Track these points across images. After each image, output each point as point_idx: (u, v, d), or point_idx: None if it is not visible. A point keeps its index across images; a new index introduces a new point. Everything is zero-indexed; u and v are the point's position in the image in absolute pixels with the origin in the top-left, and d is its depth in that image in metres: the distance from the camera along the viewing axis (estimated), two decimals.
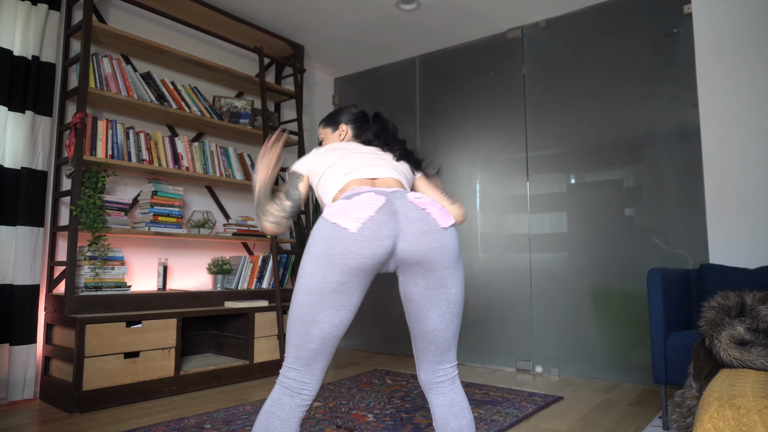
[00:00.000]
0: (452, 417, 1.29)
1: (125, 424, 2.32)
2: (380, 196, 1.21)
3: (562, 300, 3.47)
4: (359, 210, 1.17)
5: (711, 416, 1.13)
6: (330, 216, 1.19)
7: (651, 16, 3.27)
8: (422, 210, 1.21)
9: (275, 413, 1.19)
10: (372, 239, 1.16)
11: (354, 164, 1.40)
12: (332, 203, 1.24)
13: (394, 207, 1.20)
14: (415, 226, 1.20)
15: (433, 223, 1.21)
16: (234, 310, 3.23)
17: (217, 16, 3.54)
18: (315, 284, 1.18)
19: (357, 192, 1.25)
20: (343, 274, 1.17)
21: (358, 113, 1.65)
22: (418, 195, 1.26)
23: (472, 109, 4.02)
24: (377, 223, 1.17)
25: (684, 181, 3.10)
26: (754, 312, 1.75)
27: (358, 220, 1.16)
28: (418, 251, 1.20)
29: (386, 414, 2.42)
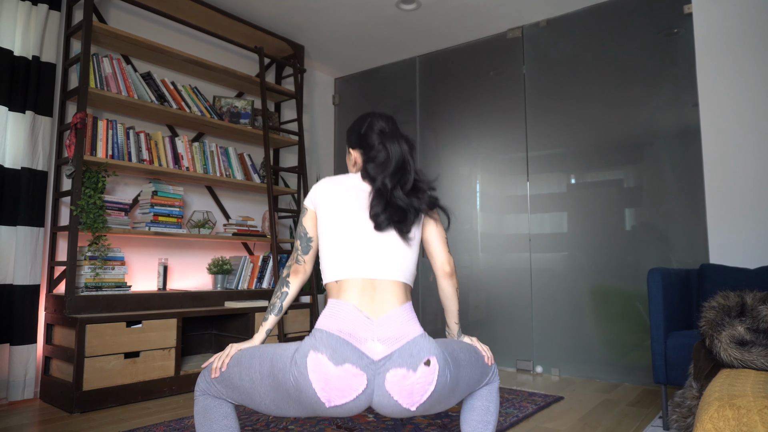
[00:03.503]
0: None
1: (125, 424, 2.32)
2: (362, 380, 1.17)
3: (562, 300, 3.47)
4: (339, 392, 1.16)
5: (711, 416, 1.13)
6: (312, 376, 1.16)
7: (651, 16, 3.27)
8: (394, 401, 1.20)
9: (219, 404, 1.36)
10: (341, 412, 1.20)
11: (353, 245, 1.33)
12: (319, 357, 1.17)
13: (371, 389, 1.19)
14: (386, 409, 1.23)
15: (402, 410, 1.22)
16: (234, 310, 3.23)
17: (217, 16, 3.54)
18: (279, 401, 1.25)
19: (343, 348, 1.18)
20: (305, 410, 1.24)
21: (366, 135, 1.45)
22: (398, 378, 1.18)
23: (472, 109, 4.02)
24: (350, 407, 1.19)
25: (684, 181, 3.10)
26: (755, 312, 1.75)
27: (334, 402, 1.17)
28: (391, 416, 1.26)
29: None
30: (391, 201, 1.34)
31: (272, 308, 1.41)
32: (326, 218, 1.38)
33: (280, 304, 1.41)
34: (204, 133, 3.69)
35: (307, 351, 1.18)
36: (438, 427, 2.20)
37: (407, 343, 1.22)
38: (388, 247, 1.34)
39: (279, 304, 1.41)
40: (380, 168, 1.37)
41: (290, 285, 1.43)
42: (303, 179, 3.93)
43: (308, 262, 1.45)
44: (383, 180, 1.35)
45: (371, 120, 1.47)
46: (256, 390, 1.26)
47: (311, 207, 1.44)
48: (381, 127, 1.45)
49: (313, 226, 1.44)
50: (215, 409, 1.34)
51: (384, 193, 1.35)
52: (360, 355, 1.18)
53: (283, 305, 1.41)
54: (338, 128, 4.90)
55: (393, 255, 1.34)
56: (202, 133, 3.70)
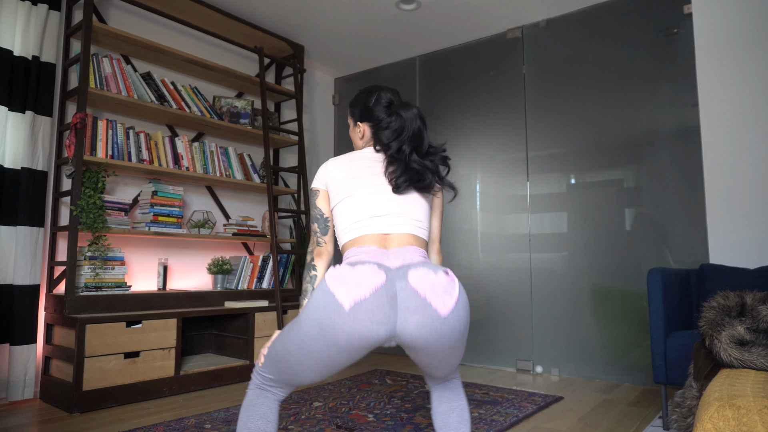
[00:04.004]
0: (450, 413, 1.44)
1: (125, 424, 2.32)
2: (380, 273, 1.14)
3: (562, 300, 3.47)
4: (357, 286, 1.12)
5: (711, 416, 1.13)
6: (330, 282, 1.16)
7: (651, 16, 3.27)
8: (422, 299, 1.14)
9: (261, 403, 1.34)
10: (364, 322, 1.11)
11: (369, 207, 1.37)
12: (336, 267, 1.19)
13: (393, 290, 1.14)
14: (414, 317, 1.13)
15: (433, 314, 1.14)
16: (234, 310, 3.23)
17: (217, 16, 3.54)
18: (305, 346, 1.21)
19: (361, 260, 1.20)
20: (331, 348, 1.16)
21: (376, 108, 1.50)
22: (421, 274, 1.17)
23: (472, 109, 4.02)
24: (372, 306, 1.11)
25: (684, 181, 3.10)
26: (754, 312, 1.75)
27: (353, 297, 1.11)
28: (417, 341, 1.16)
29: (386, 414, 2.42)
30: (409, 165, 1.39)
31: (305, 293, 1.41)
32: (339, 191, 1.42)
33: (312, 288, 1.41)
34: (204, 133, 3.69)
35: (326, 273, 1.20)
36: None
37: (423, 261, 1.26)
38: (404, 205, 1.39)
39: (311, 288, 1.41)
40: (395, 134, 1.41)
41: (317, 268, 1.43)
42: (303, 179, 3.93)
43: (329, 242, 1.46)
44: (399, 146, 1.40)
45: (379, 93, 1.51)
46: (292, 354, 1.23)
47: (322, 187, 1.46)
48: (389, 98, 1.50)
49: (327, 206, 1.46)
50: (257, 408, 1.34)
51: (402, 158, 1.39)
52: (378, 264, 1.19)
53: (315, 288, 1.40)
54: (338, 128, 4.90)
55: (409, 212, 1.39)
56: (202, 133, 3.70)
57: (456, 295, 1.17)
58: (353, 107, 1.57)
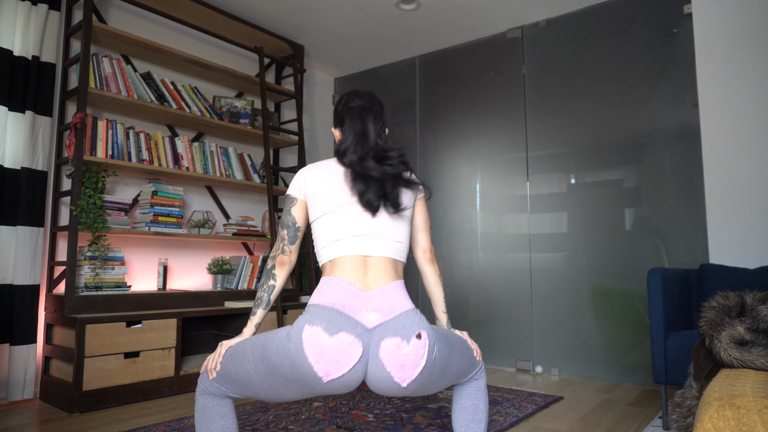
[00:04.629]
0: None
1: (125, 424, 2.32)
2: (358, 346, 1.18)
3: (562, 300, 3.47)
4: (336, 364, 1.17)
5: (711, 416, 1.13)
6: (308, 350, 1.16)
7: (651, 16, 3.27)
8: (387, 373, 1.20)
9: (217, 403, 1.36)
10: (338, 387, 1.21)
11: (348, 226, 1.34)
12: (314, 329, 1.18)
13: (366, 357, 1.20)
14: (378, 383, 1.22)
15: (395, 384, 1.21)
16: (234, 310, 3.23)
17: (217, 16, 3.54)
18: (276, 385, 1.25)
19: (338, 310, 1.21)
20: (306, 393, 1.25)
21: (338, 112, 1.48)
22: (392, 348, 1.19)
23: (472, 109, 4.02)
24: (347, 379, 1.19)
25: (684, 181, 3.10)
26: (754, 312, 1.75)
27: (330, 375, 1.17)
28: (384, 394, 1.26)
29: (386, 414, 2.42)
30: (367, 174, 1.35)
31: (260, 302, 1.38)
32: (318, 206, 1.39)
33: (268, 297, 1.39)
34: (204, 133, 3.69)
35: (302, 326, 1.19)
36: (438, 427, 2.20)
37: (400, 314, 1.24)
38: (379, 224, 1.36)
39: (266, 297, 1.38)
40: (354, 144, 1.39)
41: (277, 278, 1.40)
42: None
43: (294, 252, 1.43)
44: (351, 157, 1.37)
45: (346, 97, 1.49)
46: (253, 378, 1.27)
47: (300, 196, 1.43)
48: (354, 103, 1.46)
49: (302, 216, 1.43)
50: (213, 409, 1.34)
51: (357, 169, 1.36)
52: (354, 324, 1.20)
53: (270, 299, 1.39)
54: None
55: (384, 232, 1.36)
56: (202, 133, 3.70)
57: (422, 365, 1.21)
58: (334, 113, 1.54)
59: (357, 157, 1.37)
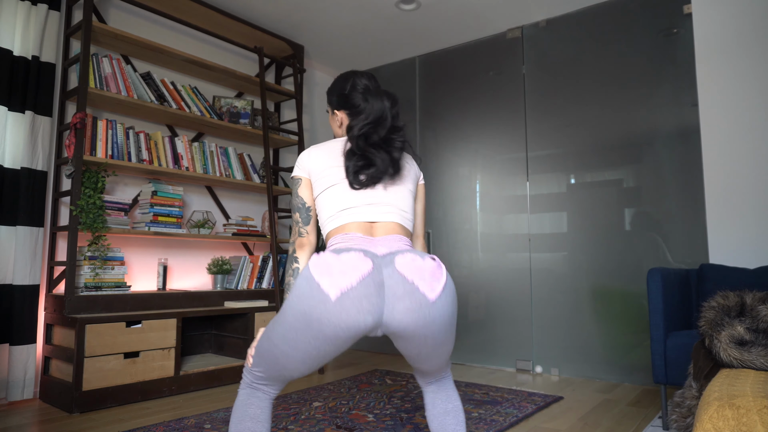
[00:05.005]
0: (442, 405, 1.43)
1: (125, 424, 2.32)
2: (367, 261, 1.13)
3: (562, 300, 3.47)
4: (343, 274, 1.10)
5: (711, 416, 1.13)
6: (315, 271, 1.13)
7: (651, 16, 3.27)
8: (410, 284, 1.12)
9: (252, 403, 1.32)
10: (351, 312, 1.09)
11: (354, 194, 1.35)
12: (320, 255, 1.17)
13: (380, 277, 1.12)
14: (401, 303, 1.12)
15: (421, 299, 1.12)
16: (234, 310, 3.23)
17: (217, 16, 3.54)
18: (291, 338, 1.18)
19: (347, 247, 1.19)
20: (317, 340, 1.14)
21: (347, 95, 1.46)
22: (408, 260, 1.16)
23: (472, 109, 4.02)
24: (359, 295, 1.09)
25: (684, 181, 3.10)
26: (754, 312, 1.75)
27: (339, 287, 1.09)
28: (406, 328, 1.14)
29: (386, 414, 2.42)
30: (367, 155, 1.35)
31: (288, 287, 1.39)
32: (322, 179, 1.39)
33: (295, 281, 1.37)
34: (204, 133, 3.69)
35: (309, 261, 1.17)
36: None
37: (409, 249, 1.25)
38: (391, 195, 1.38)
39: (293, 281, 1.38)
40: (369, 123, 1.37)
41: (299, 260, 1.40)
42: None
43: (311, 233, 1.43)
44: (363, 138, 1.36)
45: (354, 79, 1.47)
46: (279, 347, 1.21)
47: (305, 175, 1.43)
48: (364, 84, 1.46)
49: (309, 195, 1.43)
50: (248, 409, 1.32)
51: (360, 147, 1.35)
52: (364, 250, 1.18)
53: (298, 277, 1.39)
54: None
55: (390, 200, 1.38)
56: (202, 133, 3.70)
57: (443, 281, 1.17)
58: (330, 95, 1.53)
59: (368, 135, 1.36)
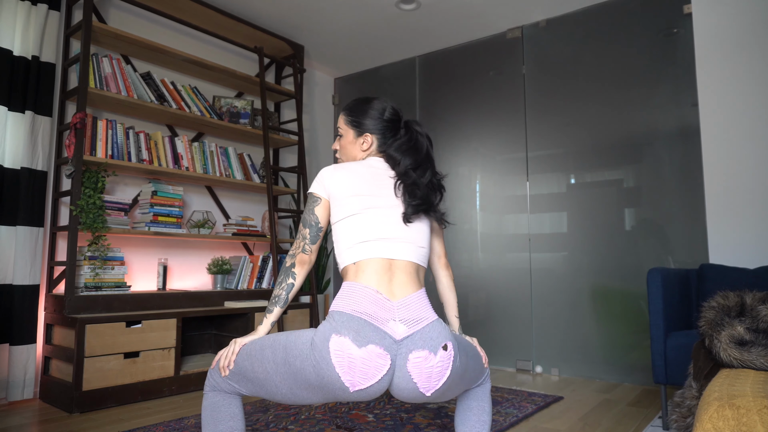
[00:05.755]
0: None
1: (125, 424, 2.32)
2: (386, 359, 1.17)
3: (562, 300, 3.47)
4: (364, 376, 1.16)
5: (711, 416, 1.13)
6: (336, 360, 1.15)
7: (651, 16, 3.27)
8: (413, 383, 1.20)
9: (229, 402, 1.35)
10: (364, 397, 1.20)
11: (375, 229, 1.33)
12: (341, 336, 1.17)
13: (393, 369, 1.20)
14: (403, 393, 1.23)
15: (419, 394, 1.22)
16: (234, 310, 3.23)
17: (217, 16, 3.54)
18: (297, 390, 1.24)
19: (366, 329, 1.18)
20: (321, 397, 1.24)
21: (388, 119, 1.48)
22: (420, 360, 1.20)
23: (472, 109, 4.02)
24: (374, 389, 1.19)
25: (684, 181, 3.10)
26: (754, 312, 1.75)
27: (357, 386, 1.17)
28: (405, 401, 1.29)
29: (386, 414, 2.42)
30: (420, 185, 1.38)
31: (277, 300, 1.35)
32: (343, 207, 1.36)
33: (286, 296, 1.35)
34: (204, 133, 3.69)
35: (329, 335, 1.16)
36: (438, 428, 2.20)
37: (427, 326, 1.24)
38: (406, 229, 1.36)
39: (285, 296, 1.35)
40: (410, 153, 1.41)
41: (296, 276, 1.37)
42: (303, 179, 3.93)
43: (314, 252, 1.41)
44: (414, 165, 1.40)
45: (392, 108, 1.51)
46: (272, 380, 1.24)
47: (325, 196, 1.40)
48: (396, 111, 1.51)
49: (324, 216, 1.41)
50: (223, 409, 1.33)
51: (414, 177, 1.39)
52: (383, 335, 1.18)
53: (288, 297, 1.36)
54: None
55: (410, 236, 1.36)
56: (202, 133, 3.70)
57: (446, 376, 1.22)
58: (358, 116, 1.50)
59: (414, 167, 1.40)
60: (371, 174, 1.40)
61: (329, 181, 1.39)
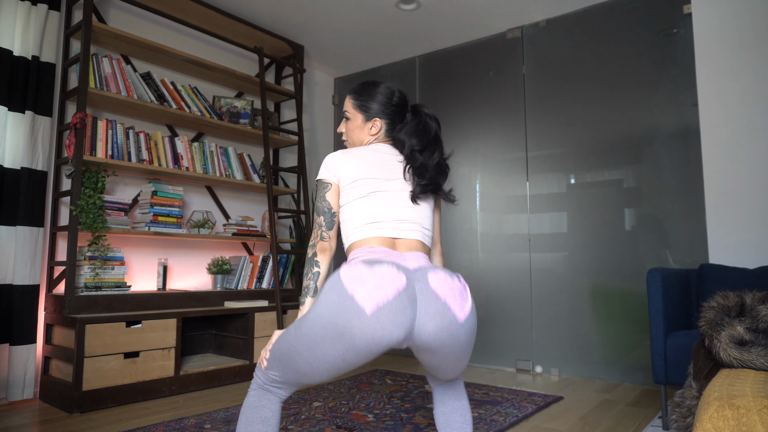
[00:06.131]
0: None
1: (125, 424, 2.32)
2: (401, 275, 1.14)
3: (562, 300, 3.47)
4: (378, 288, 1.10)
5: (711, 416, 1.13)
6: (347, 282, 1.12)
7: (651, 16, 3.27)
8: (443, 302, 1.15)
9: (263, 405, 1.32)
10: (385, 325, 1.10)
11: (383, 210, 1.35)
12: (349, 263, 1.17)
13: (413, 292, 1.14)
14: (433, 320, 1.15)
15: (451, 317, 1.16)
16: (234, 310, 3.23)
17: (217, 16, 3.54)
18: (318, 348, 1.17)
19: (377, 259, 1.19)
20: (347, 352, 1.14)
21: (397, 104, 1.49)
22: (441, 278, 1.18)
23: (472, 109, 4.02)
24: (394, 309, 1.10)
25: (684, 181, 3.10)
26: (754, 312, 1.75)
27: (375, 301, 1.09)
28: (433, 344, 1.17)
29: (386, 414, 2.42)
30: (428, 167, 1.40)
31: (307, 290, 1.35)
32: (351, 189, 1.38)
33: (315, 285, 1.35)
34: (204, 133, 3.69)
35: (340, 271, 1.16)
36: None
37: (439, 267, 1.26)
38: (416, 212, 1.40)
39: (313, 285, 1.35)
40: (420, 135, 1.43)
41: (320, 264, 1.37)
42: (303, 179, 3.93)
43: (333, 238, 1.41)
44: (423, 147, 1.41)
45: (399, 92, 1.52)
46: (293, 346, 1.21)
47: (334, 180, 1.40)
48: (408, 99, 1.53)
49: (336, 200, 1.41)
50: (257, 410, 1.31)
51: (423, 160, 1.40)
52: (396, 263, 1.18)
53: (318, 286, 1.36)
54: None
55: (416, 218, 1.39)
56: (202, 133, 3.70)
57: (470, 302, 1.21)
58: (367, 101, 1.50)
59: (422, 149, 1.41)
60: (378, 158, 1.41)
61: (337, 166, 1.40)
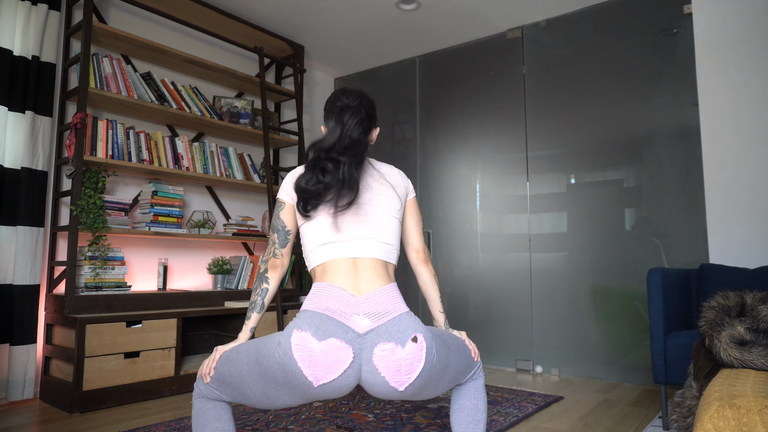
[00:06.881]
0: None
1: (125, 424, 2.32)
2: (348, 352, 1.16)
3: (562, 300, 3.47)
4: (325, 368, 1.14)
5: (711, 416, 1.13)
6: (297, 355, 1.14)
7: (651, 16, 3.27)
8: (382, 378, 1.18)
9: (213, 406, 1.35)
10: (329, 393, 1.18)
11: (334, 229, 1.34)
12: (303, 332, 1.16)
13: (359, 362, 1.18)
14: (375, 387, 1.20)
15: (390, 389, 1.19)
16: (234, 310, 3.23)
17: (217, 16, 3.54)
18: (271, 392, 1.24)
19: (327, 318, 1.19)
20: (301, 399, 1.24)
21: (329, 110, 1.46)
22: (387, 353, 1.17)
23: (472, 109, 4.02)
24: (339, 384, 1.17)
25: (684, 181, 3.10)
26: (754, 312, 1.75)
27: (320, 380, 1.15)
28: (381, 397, 1.24)
29: (386, 414, 2.42)
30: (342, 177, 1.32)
31: (254, 306, 1.40)
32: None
33: (262, 301, 1.39)
34: (204, 133, 3.69)
35: (291, 331, 1.18)
36: (438, 427, 2.20)
37: (394, 319, 1.23)
38: (370, 226, 1.36)
39: (260, 301, 1.39)
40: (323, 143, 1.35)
41: (270, 281, 1.41)
42: None
43: (286, 256, 1.44)
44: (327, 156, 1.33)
45: (333, 96, 1.49)
46: (246, 382, 1.26)
47: (288, 200, 1.43)
48: (340, 102, 1.44)
49: (291, 219, 1.44)
50: (209, 412, 1.34)
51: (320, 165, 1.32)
52: (345, 329, 1.19)
53: (264, 302, 1.40)
54: None
55: (372, 233, 1.36)
56: (202, 133, 3.70)
57: (419, 369, 1.18)
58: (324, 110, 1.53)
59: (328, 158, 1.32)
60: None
61: (290, 186, 1.43)
